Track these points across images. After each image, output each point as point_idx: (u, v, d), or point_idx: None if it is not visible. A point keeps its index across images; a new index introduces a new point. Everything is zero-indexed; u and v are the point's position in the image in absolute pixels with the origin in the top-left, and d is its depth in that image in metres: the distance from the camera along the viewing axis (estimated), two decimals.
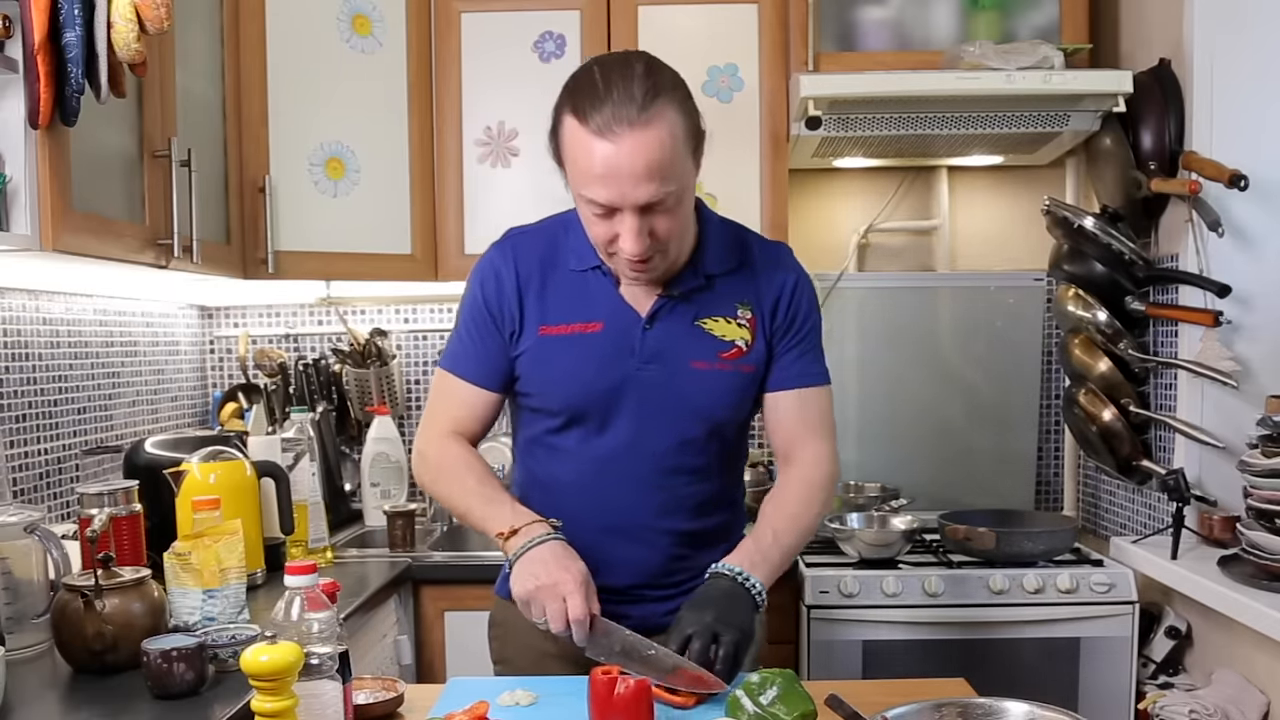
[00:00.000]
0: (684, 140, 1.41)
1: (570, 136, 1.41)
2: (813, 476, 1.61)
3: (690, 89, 1.46)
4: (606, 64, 1.43)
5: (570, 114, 1.40)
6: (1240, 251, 2.19)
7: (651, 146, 1.37)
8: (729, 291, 1.58)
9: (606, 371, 1.54)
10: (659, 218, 1.42)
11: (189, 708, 1.39)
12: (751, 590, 1.47)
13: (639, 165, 1.37)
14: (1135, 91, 2.30)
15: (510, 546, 1.47)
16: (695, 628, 1.40)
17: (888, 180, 2.94)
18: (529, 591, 1.42)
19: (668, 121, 1.38)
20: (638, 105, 1.36)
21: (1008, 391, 2.81)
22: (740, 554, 1.51)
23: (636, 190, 1.38)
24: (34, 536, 1.60)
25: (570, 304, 1.56)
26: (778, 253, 1.65)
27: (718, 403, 1.57)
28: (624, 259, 1.46)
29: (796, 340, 1.61)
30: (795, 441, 1.63)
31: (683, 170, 1.42)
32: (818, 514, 1.61)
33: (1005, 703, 1.21)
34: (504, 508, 1.52)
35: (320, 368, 2.87)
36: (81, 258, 1.70)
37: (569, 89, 1.44)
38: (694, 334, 1.56)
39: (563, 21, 2.60)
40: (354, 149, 2.51)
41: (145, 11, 1.60)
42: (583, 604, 1.39)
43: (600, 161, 1.38)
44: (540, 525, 1.48)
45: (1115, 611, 2.23)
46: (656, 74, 1.41)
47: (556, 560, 1.43)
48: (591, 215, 1.45)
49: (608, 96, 1.37)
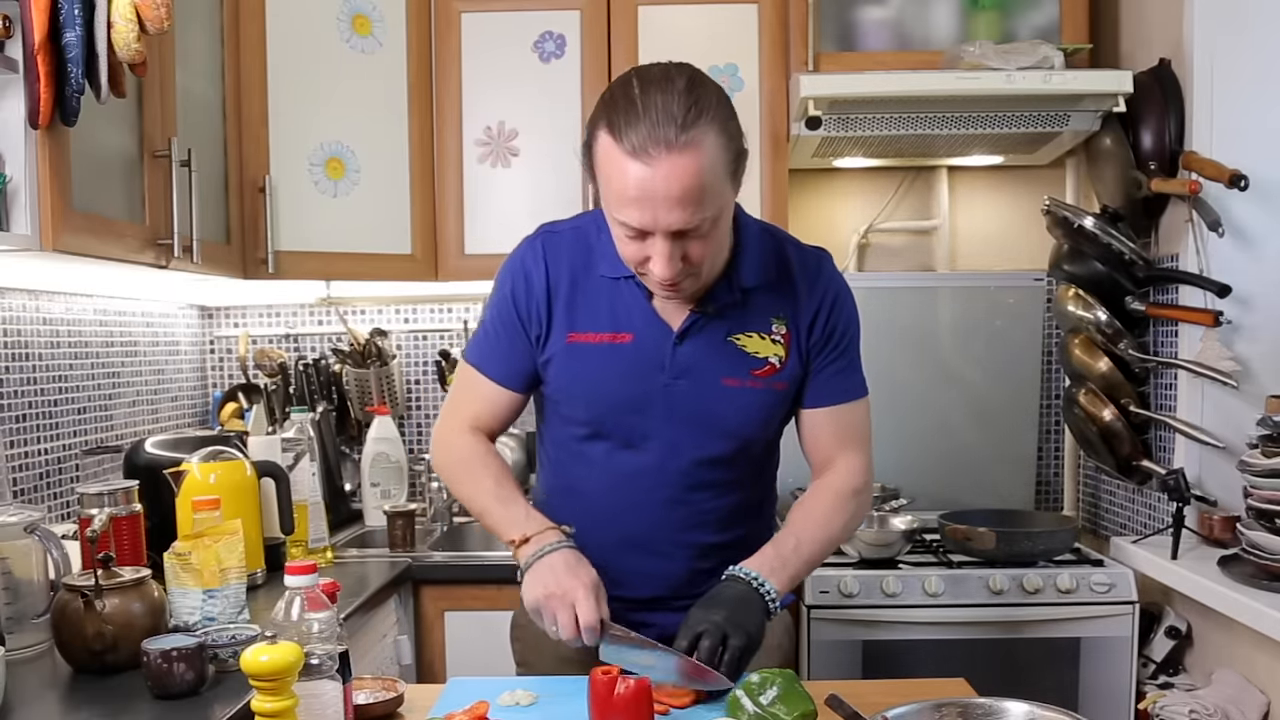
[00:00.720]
0: (724, 164, 1.34)
1: (604, 154, 1.35)
2: (844, 487, 1.58)
3: (735, 109, 1.38)
4: (646, 77, 1.35)
5: (605, 130, 1.33)
6: (1240, 251, 2.19)
7: (689, 172, 1.30)
8: (765, 305, 1.53)
9: (635, 385, 1.51)
10: (693, 243, 1.37)
11: (189, 708, 1.39)
12: (765, 596, 1.45)
13: (674, 190, 1.30)
14: (1135, 91, 2.30)
15: (522, 554, 1.46)
16: (704, 627, 1.39)
17: (888, 180, 2.94)
18: (538, 600, 1.41)
19: (708, 145, 1.31)
20: (677, 126, 1.29)
21: (1008, 391, 2.80)
22: (759, 559, 1.49)
23: (670, 215, 1.32)
24: (34, 536, 1.60)
25: (601, 312, 1.52)
26: (818, 263, 1.58)
27: (748, 420, 1.54)
28: (654, 280, 1.42)
29: (834, 356, 1.56)
30: (829, 456, 1.60)
31: (720, 195, 1.35)
32: (845, 524, 1.58)
33: (1005, 703, 1.21)
34: (518, 511, 1.51)
35: (320, 368, 2.87)
36: (81, 258, 1.70)
37: (605, 102, 1.36)
38: (726, 350, 1.51)
39: (563, 21, 2.60)
40: (354, 149, 2.51)
41: (145, 11, 1.60)
42: (592, 610, 1.39)
43: (634, 184, 1.31)
44: (552, 533, 1.47)
45: (1115, 611, 2.23)
46: (699, 90, 1.33)
47: (566, 568, 1.42)
48: (623, 235, 1.39)
49: (645, 115, 1.30)
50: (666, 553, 1.57)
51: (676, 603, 1.55)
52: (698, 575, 1.57)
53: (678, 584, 1.57)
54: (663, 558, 1.57)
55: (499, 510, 1.53)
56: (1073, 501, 2.85)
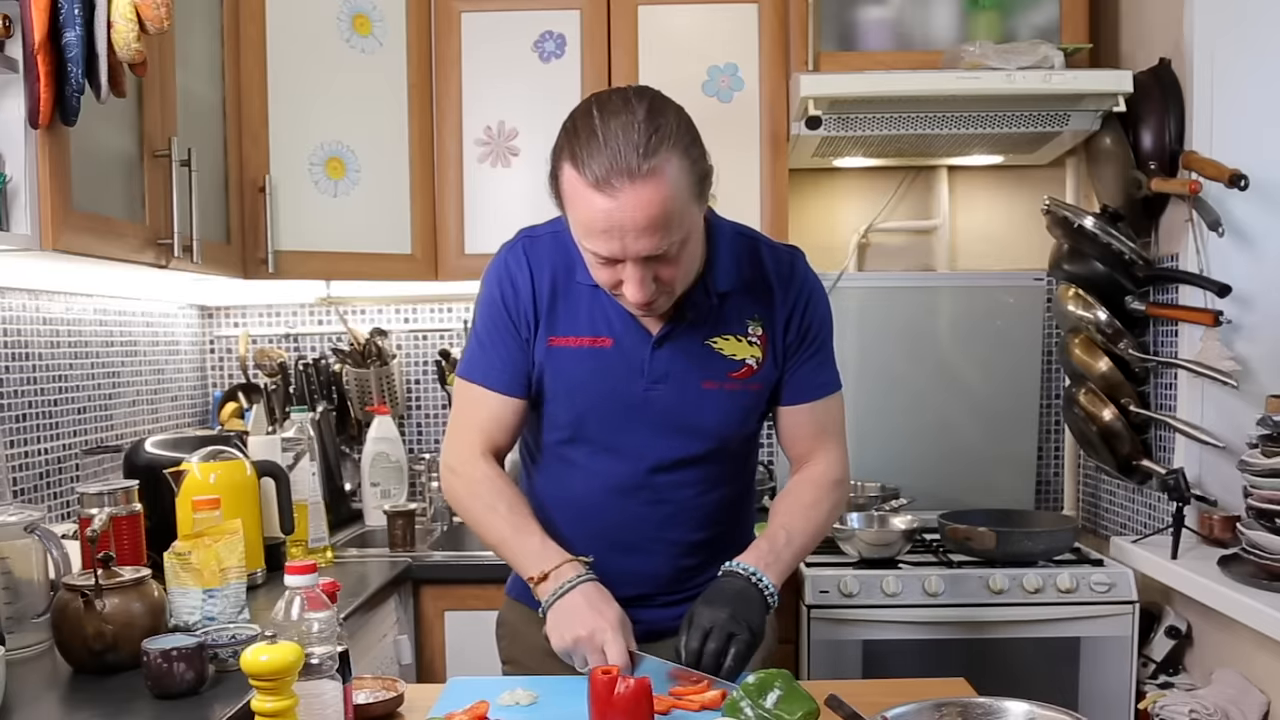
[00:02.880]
0: (688, 187, 1.34)
1: (569, 187, 1.35)
2: (825, 478, 1.61)
3: (697, 129, 1.38)
4: (606, 106, 1.34)
5: (568, 162, 1.34)
6: (1240, 251, 2.19)
7: (653, 200, 1.30)
8: (741, 308, 1.54)
9: (615, 389, 1.52)
10: (663, 266, 1.38)
11: (189, 708, 1.39)
12: (764, 591, 1.47)
13: (640, 220, 1.31)
14: (1135, 91, 2.30)
15: (542, 592, 1.46)
16: (710, 625, 1.40)
17: (888, 180, 2.94)
18: (568, 644, 1.42)
19: (670, 171, 1.31)
20: (639, 155, 1.29)
21: (1008, 391, 2.80)
22: (753, 553, 1.51)
23: (638, 244, 1.33)
24: (34, 536, 1.60)
25: (581, 316, 1.53)
26: (791, 262, 1.59)
27: (727, 421, 1.56)
28: (628, 303, 1.43)
29: (810, 354, 1.58)
30: (808, 449, 1.62)
31: (687, 218, 1.36)
32: (829, 514, 1.61)
33: (1005, 703, 1.21)
34: (534, 544, 1.50)
35: (320, 367, 2.87)
36: (82, 257, 1.70)
37: (567, 132, 1.36)
38: (704, 354, 1.53)
39: (563, 21, 2.60)
40: (354, 149, 2.51)
41: (145, 11, 1.59)
42: (622, 651, 1.39)
43: (600, 216, 1.31)
44: (570, 567, 1.46)
45: (1115, 611, 2.23)
46: (659, 118, 1.33)
47: (591, 607, 1.42)
48: (594, 262, 1.40)
49: (607, 145, 1.30)
50: (650, 551, 1.57)
51: (661, 599, 1.57)
52: (683, 572, 1.59)
53: (662, 581, 1.59)
54: (647, 556, 1.57)
55: (514, 543, 1.52)
56: (1073, 501, 2.85)
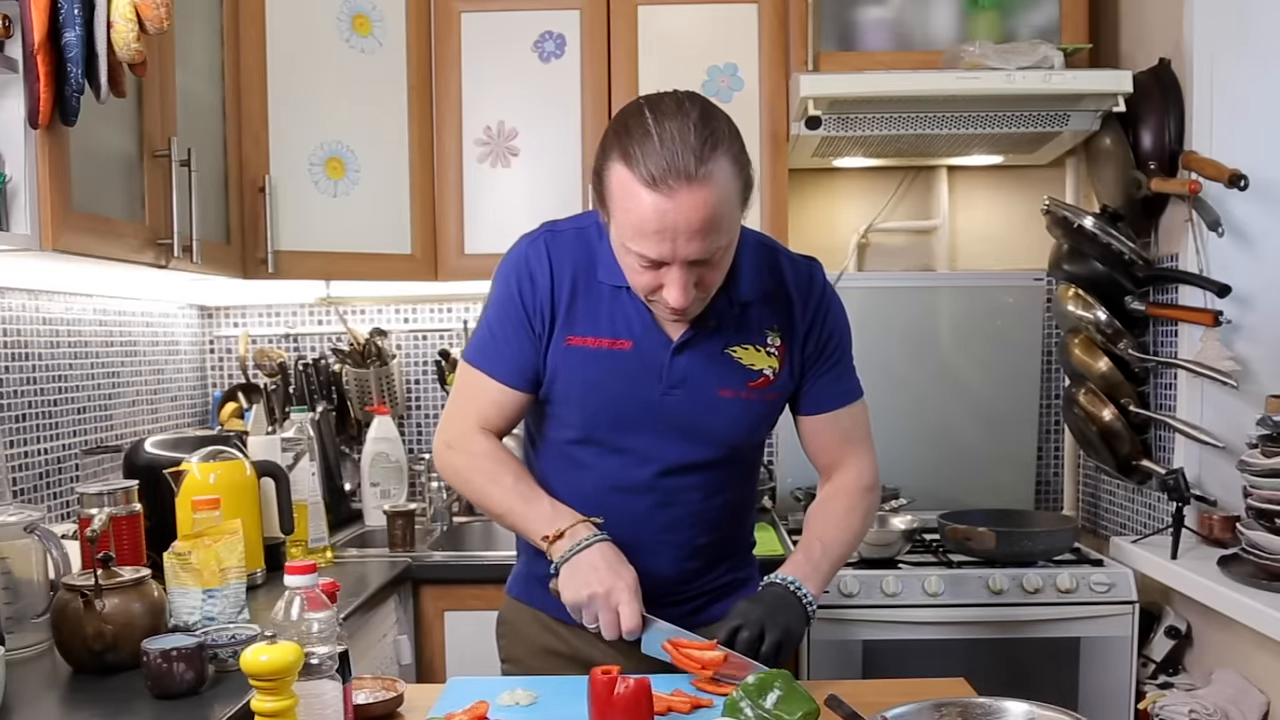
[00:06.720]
0: (736, 193, 1.35)
1: (620, 186, 1.33)
2: (854, 485, 1.62)
3: (742, 137, 1.39)
4: (659, 108, 1.34)
5: (620, 160, 1.32)
6: (1240, 251, 2.19)
7: (707, 203, 1.30)
8: (761, 317, 1.54)
9: (631, 392, 1.51)
10: (706, 270, 1.38)
11: (189, 708, 1.39)
12: (804, 600, 1.48)
13: (695, 222, 1.30)
14: (1135, 91, 2.30)
15: (556, 550, 1.46)
16: (743, 620, 1.42)
17: (888, 180, 2.94)
18: (582, 599, 1.42)
19: (722, 176, 1.31)
20: (695, 158, 1.29)
21: (1008, 391, 2.80)
22: (792, 565, 1.53)
23: (689, 246, 1.32)
24: (34, 536, 1.60)
25: (601, 317, 1.51)
26: (810, 273, 1.59)
27: (738, 429, 1.55)
28: (666, 307, 1.42)
29: (830, 365, 1.59)
30: (836, 458, 1.63)
31: (733, 224, 1.37)
32: (863, 521, 1.62)
33: (1005, 703, 1.21)
34: (544, 507, 1.50)
35: (320, 367, 2.87)
36: (81, 257, 1.70)
37: (618, 131, 1.35)
38: (723, 362, 1.52)
39: (563, 21, 2.60)
40: (354, 149, 2.51)
41: (145, 11, 1.59)
42: (636, 613, 1.40)
43: (654, 216, 1.30)
44: (584, 526, 1.47)
45: (1115, 611, 2.23)
46: (713, 122, 1.33)
47: (608, 566, 1.43)
48: (637, 265, 1.38)
49: (663, 146, 1.29)
50: (654, 552, 1.57)
51: (665, 600, 1.57)
52: (687, 574, 1.60)
53: (666, 583, 1.58)
54: (652, 557, 1.56)
55: (523, 508, 1.52)
56: (1073, 501, 2.85)
